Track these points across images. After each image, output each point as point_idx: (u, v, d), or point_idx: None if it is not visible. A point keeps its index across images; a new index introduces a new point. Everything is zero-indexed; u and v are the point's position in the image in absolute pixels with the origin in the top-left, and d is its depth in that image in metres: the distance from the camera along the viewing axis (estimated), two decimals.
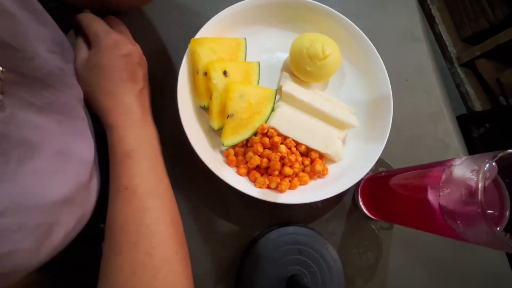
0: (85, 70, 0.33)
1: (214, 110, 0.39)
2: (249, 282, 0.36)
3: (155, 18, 0.46)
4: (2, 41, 0.22)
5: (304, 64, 0.41)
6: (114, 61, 0.33)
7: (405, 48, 0.52)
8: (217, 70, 0.39)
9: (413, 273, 0.44)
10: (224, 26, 0.43)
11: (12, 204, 0.20)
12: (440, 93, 0.51)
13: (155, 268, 0.28)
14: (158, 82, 0.39)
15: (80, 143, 0.29)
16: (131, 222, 0.29)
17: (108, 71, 0.33)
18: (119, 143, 0.31)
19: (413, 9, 0.55)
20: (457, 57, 1.48)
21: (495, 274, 0.45)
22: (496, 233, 0.23)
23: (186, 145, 0.37)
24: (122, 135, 0.31)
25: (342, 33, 0.46)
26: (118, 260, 0.28)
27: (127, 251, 0.28)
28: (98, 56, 0.33)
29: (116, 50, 0.33)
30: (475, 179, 0.24)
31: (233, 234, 0.41)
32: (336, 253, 0.39)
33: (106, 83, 0.33)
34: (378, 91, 0.45)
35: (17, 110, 0.22)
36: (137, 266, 0.27)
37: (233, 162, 0.40)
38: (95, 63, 0.33)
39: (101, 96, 0.32)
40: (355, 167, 0.41)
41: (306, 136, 0.40)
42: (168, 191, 0.33)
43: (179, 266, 0.29)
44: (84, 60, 0.33)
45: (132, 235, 0.28)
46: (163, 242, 0.29)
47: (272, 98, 0.41)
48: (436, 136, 0.49)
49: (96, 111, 0.33)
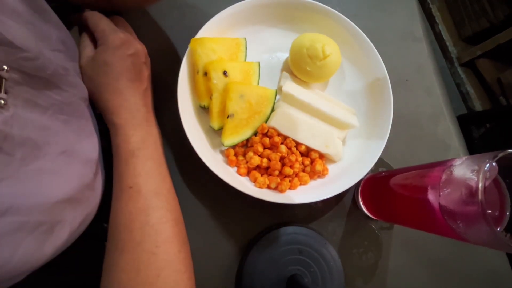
0: (90, 68, 0.33)
1: (214, 110, 0.39)
2: (249, 282, 0.36)
3: (156, 17, 0.46)
4: (6, 40, 0.21)
5: (304, 64, 0.41)
6: (121, 60, 0.33)
7: (405, 48, 0.52)
8: (217, 70, 0.39)
9: (413, 273, 0.44)
10: (224, 26, 0.43)
11: (14, 203, 0.20)
12: (440, 93, 0.51)
13: (158, 268, 0.28)
14: (158, 82, 0.39)
15: (85, 143, 0.29)
16: (135, 221, 0.29)
17: (115, 70, 0.32)
18: (124, 142, 0.31)
19: (413, 9, 0.54)
20: (458, 57, 1.47)
21: (495, 274, 0.45)
22: (496, 233, 0.23)
23: (186, 145, 0.37)
24: (127, 134, 0.31)
25: (342, 33, 0.46)
26: (122, 259, 0.28)
27: (131, 250, 0.28)
28: (105, 54, 0.32)
29: (124, 49, 0.33)
30: (476, 179, 0.24)
31: (233, 234, 0.41)
32: (336, 253, 0.39)
33: (113, 81, 0.32)
34: (378, 91, 0.45)
35: (20, 110, 0.22)
36: (141, 265, 0.27)
37: (233, 162, 0.40)
38: (102, 61, 0.32)
39: (107, 95, 0.32)
40: (355, 167, 0.41)
41: (306, 136, 0.40)
42: (171, 191, 0.33)
43: (182, 265, 0.29)
44: (90, 58, 0.33)
45: (137, 234, 0.28)
46: (167, 241, 0.29)
47: (272, 98, 0.41)
48: (436, 136, 0.49)
49: (101, 110, 0.33)
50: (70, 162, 0.26)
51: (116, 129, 0.32)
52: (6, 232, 0.19)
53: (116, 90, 0.32)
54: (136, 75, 0.34)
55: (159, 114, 0.37)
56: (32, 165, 0.22)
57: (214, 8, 0.42)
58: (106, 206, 0.30)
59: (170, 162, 0.41)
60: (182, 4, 0.47)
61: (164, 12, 0.46)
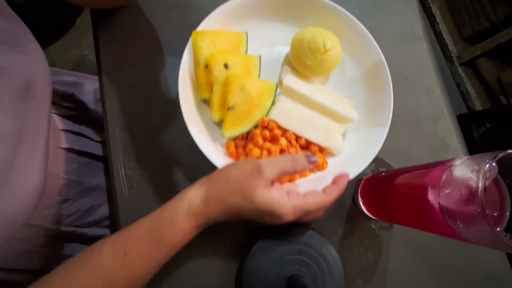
0: (249, 196, 0.32)
1: (214, 102, 0.39)
2: (249, 281, 0.36)
3: (157, 10, 0.46)
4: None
5: (305, 57, 0.41)
6: (271, 217, 0.32)
7: (405, 48, 0.52)
8: (218, 62, 0.39)
9: (413, 273, 0.44)
10: (226, 20, 0.43)
11: None
12: (440, 92, 0.51)
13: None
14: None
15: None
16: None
17: (258, 216, 0.33)
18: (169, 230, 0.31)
19: (414, 8, 0.54)
20: (458, 56, 1.47)
21: (495, 274, 0.45)
22: (496, 233, 0.23)
23: (187, 137, 0.37)
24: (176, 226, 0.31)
25: (343, 28, 0.46)
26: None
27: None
28: (273, 209, 0.32)
29: (289, 216, 0.32)
30: (476, 179, 0.24)
31: (233, 233, 0.41)
32: (336, 253, 0.39)
33: (239, 211, 0.32)
34: (379, 87, 0.45)
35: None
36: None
37: (234, 154, 0.40)
38: (262, 207, 0.32)
39: (221, 205, 0.32)
40: (354, 161, 0.41)
41: (306, 129, 0.41)
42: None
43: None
44: (260, 195, 0.32)
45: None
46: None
47: (273, 91, 0.41)
48: (436, 135, 0.49)
49: (193, 194, 0.33)
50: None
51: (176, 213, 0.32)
52: None
53: (228, 211, 0.32)
54: (256, 219, 0.33)
55: (160, 108, 0.37)
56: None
57: (216, 1, 0.42)
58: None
59: (171, 154, 0.41)
60: (182, 1, 0.47)
61: (166, 5, 0.46)
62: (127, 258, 0.30)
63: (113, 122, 0.42)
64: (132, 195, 0.40)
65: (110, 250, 0.30)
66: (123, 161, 0.41)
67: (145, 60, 0.44)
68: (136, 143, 0.42)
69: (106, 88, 0.43)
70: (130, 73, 0.44)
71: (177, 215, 0.31)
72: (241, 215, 0.33)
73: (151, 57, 0.44)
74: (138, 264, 0.31)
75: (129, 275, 0.30)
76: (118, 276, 0.30)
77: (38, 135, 0.34)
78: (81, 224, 0.50)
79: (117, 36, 0.45)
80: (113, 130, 0.41)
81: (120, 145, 0.41)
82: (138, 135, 0.42)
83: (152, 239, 0.31)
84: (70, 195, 0.48)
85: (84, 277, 0.29)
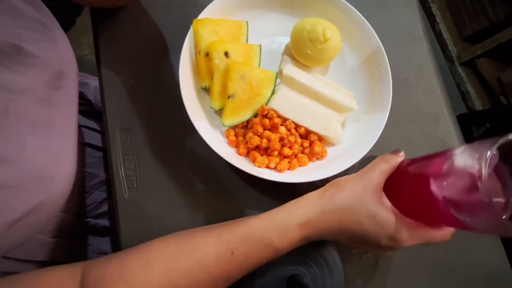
0: (352, 218, 0.31)
1: (215, 91, 0.40)
2: (249, 281, 0.36)
3: (157, 10, 0.46)
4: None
5: (305, 47, 0.41)
6: (387, 240, 0.32)
7: (405, 48, 0.52)
8: (219, 50, 0.39)
9: (413, 273, 0.44)
10: (226, 9, 0.43)
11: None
12: (440, 92, 0.51)
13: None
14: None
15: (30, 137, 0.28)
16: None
17: (373, 235, 0.32)
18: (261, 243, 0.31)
19: (414, 8, 0.54)
20: (458, 56, 1.47)
21: (495, 274, 0.45)
22: (502, 220, 0.22)
23: (188, 125, 0.37)
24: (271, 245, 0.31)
25: (343, 19, 0.46)
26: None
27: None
28: (377, 232, 0.31)
29: (391, 243, 0.32)
30: (478, 166, 0.23)
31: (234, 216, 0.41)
32: (336, 252, 0.39)
33: (354, 224, 0.32)
34: (378, 78, 0.45)
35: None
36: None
37: (233, 142, 0.40)
38: (385, 226, 0.31)
39: (336, 215, 0.32)
40: (353, 150, 0.41)
41: (305, 118, 0.41)
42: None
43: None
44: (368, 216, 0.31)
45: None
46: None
47: (273, 80, 0.41)
48: (436, 135, 0.49)
49: (301, 216, 0.32)
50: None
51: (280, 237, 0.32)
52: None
53: (335, 233, 0.32)
54: (363, 237, 0.33)
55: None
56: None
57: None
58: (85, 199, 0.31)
59: (171, 155, 0.42)
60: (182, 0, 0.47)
61: (164, 9, 0.46)
62: (233, 256, 0.30)
63: (113, 122, 0.42)
64: (132, 195, 0.40)
65: (217, 246, 0.31)
66: (123, 161, 0.41)
67: (145, 60, 0.44)
68: (136, 143, 0.42)
69: (106, 88, 0.43)
70: (130, 73, 0.44)
71: (290, 221, 0.31)
72: (354, 231, 0.32)
73: (151, 57, 0.44)
74: (243, 264, 0.31)
75: (231, 272, 0.31)
76: (221, 271, 0.30)
77: (68, 125, 0.34)
78: (93, 216, 0.51)
79: (117, 36, 0.45)
80: (113, 130, 0.41)
81: (120, 145, 0.41)
82: (138, 135, 0.42)
83: (262, 241, 0.31)
84: (88, 187, 0.49)
85: (190, 267, 0.29)
